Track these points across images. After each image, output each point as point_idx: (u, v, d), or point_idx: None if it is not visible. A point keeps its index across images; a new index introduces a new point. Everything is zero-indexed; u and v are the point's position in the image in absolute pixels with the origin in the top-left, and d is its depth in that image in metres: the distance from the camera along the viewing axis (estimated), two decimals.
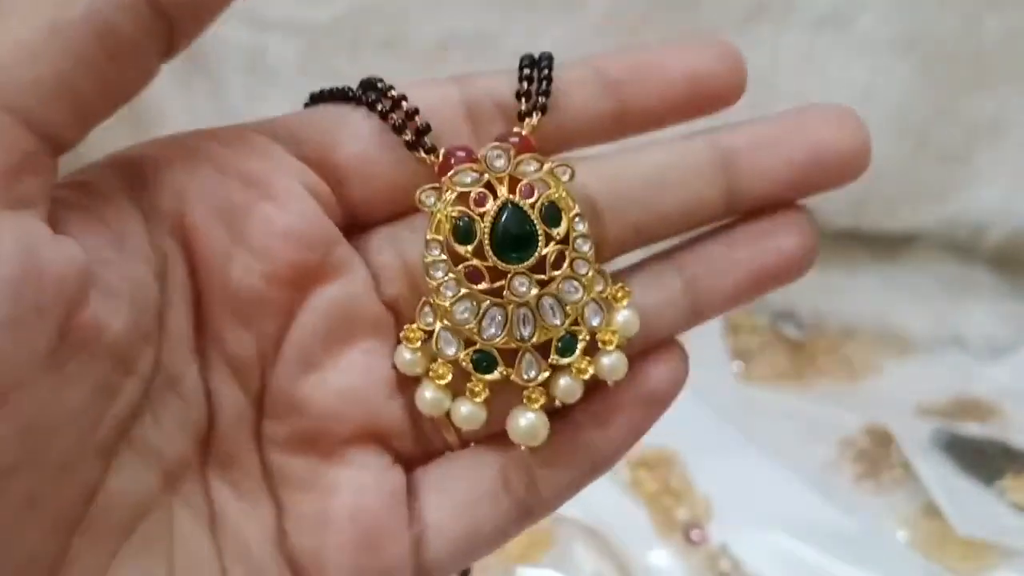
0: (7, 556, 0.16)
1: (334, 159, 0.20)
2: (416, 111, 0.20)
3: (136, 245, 0.18)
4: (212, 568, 0.19)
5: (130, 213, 0.18)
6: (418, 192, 0.20)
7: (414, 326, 0.21)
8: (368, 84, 0.21)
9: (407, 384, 0.21)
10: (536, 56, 0.22)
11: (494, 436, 0.21)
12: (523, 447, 0.21)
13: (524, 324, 0.20)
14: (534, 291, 0.20)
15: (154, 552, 0.18)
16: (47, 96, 0.16)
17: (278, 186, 0.19)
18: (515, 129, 0.21)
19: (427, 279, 0.20)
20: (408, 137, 0.20)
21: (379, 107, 0.20)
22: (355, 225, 0.21)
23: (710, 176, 0.21)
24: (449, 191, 0.20)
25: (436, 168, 0.21)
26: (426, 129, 0.20)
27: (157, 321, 0.18)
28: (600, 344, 0.21)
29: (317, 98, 0.21)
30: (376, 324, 0.21)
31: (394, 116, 0.20)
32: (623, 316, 0.21)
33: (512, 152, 0.20)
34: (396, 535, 0.20)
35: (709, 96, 0.21)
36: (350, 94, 0.21)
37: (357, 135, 0.20)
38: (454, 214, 0.20)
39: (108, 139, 0.20)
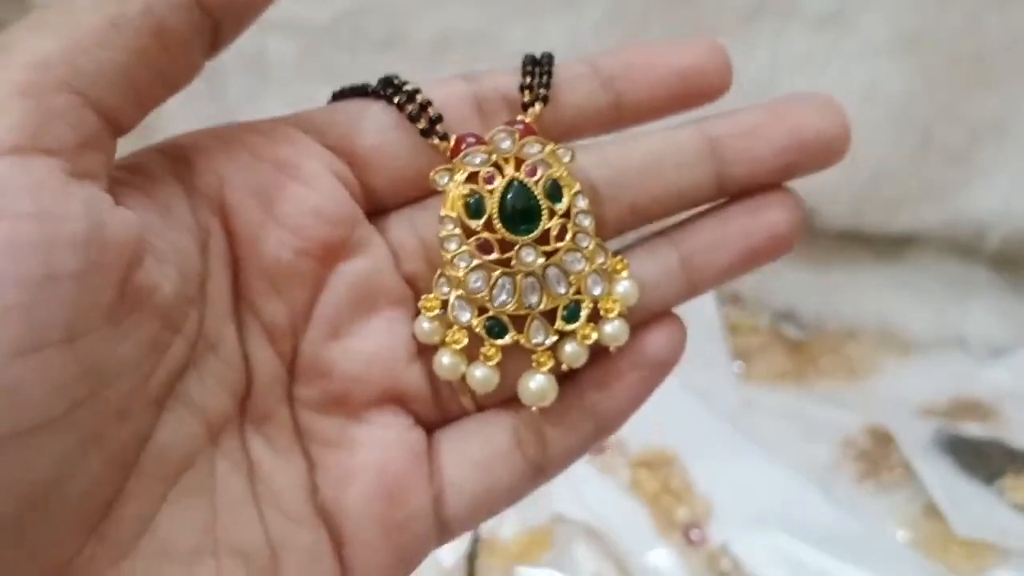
0: (72, 485, 0.18)
1: (356, 147, 0.22)
2: (429, 103, 0.22)
3: (181, 219, 0.20)
4: (250, 513, 0.21)
5: (175, 192, 0.20)
6: (432, 173, 0.22)
7: (431, 296, 0.22)
8: (386, 81, 0.23)
9: (426, 352, 0.23)
10: (538, 56, 0.23)
11: (507, 401, 0.23)
12: (534, 408, 0.22)
13: (531, 292, 0.22)
14: (540, 261, 0.22)
15: (199, 497, 0.20)
16: (108, 83, 0.18)
17: (307, 169, 0.21)
18: (519, 117, 0.23)
19: (442, 251, 0.22)
20: (422, 125, 0.22)
21: (396, 100, 0.22)
22: (376, 209, 0.23)
23: (699, 162, 0.23)
24: (460, 171, 0.22)
25: (448, 153, 0.22)
26: (438, 118, 0.22)
27: (200, 288, 0.20)
28: (603, 312, 0.23)
29: (339, 95, 0.23)
30: (397, 296, 0.22)
31: (409, 107, 0.22)
32: (623, 286, 0.23)
33: (517, 135, 0.22)
34: (418, 489, 0.22)
35: (697, 91, 0.23)
36: (369, 90, 0.23)
37: (377, 125, 0.22)
38: (465, 192, 0.22)
39: None
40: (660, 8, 0.54)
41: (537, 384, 0.22)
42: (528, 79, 0.23)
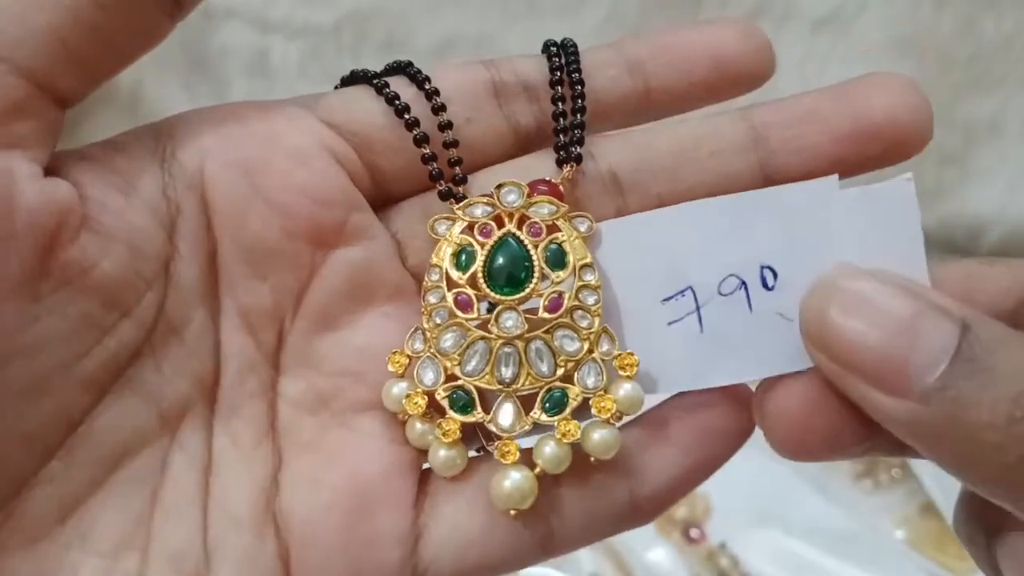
0: None
1: (359, 126, 0.20)
2: (436, 92, 0.20)
3: (145, 196, 0.19)
4: (194, 512, 0.19)
5: (147, 167, 0.19)
6: (431, 221, 0.20)
7: (399, 351, 0.20)
8: (395, 67, 0.21)
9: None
10: (560, 41, 0.22)
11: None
12: (511, 512, 0.19)
13: (506, 364, 0.19)
14: (521, 328, 0.19)
15: (140, 488, 0.19)
16: (39, 47, 0.17)
17: (297, 144, 0.20)
18: (547, 178, 0.20)
19: (423, 303, 0.20)
20: (442, 187, 0.20)
21: (396, 102, 0.20)
22: (388, 197, 0.21)
23: (739, 150, 0.20)
24: (459, 222, 0.20)
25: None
26: (462, 180, 0.20)
27: (162, 269, 0.19)
28: (595, 411, 0.19)
29: (347, 81, 0.22)
30: (397, 289, 0.20)
31: (407, 116, 0.20)
32: (626, 389, 0.19)
33: (525, 190, 0.20)
34: (391, 507, 0.19)
35: (734, 77, 0.21)
36: (374, 78, 0.21)
37: (383, 106, 0.21)
38: (458, 241, 0.20)
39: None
40: (660, 10, 0.54)
41: (511, 483, 0.18)
42: (555, 63, 0.21)
